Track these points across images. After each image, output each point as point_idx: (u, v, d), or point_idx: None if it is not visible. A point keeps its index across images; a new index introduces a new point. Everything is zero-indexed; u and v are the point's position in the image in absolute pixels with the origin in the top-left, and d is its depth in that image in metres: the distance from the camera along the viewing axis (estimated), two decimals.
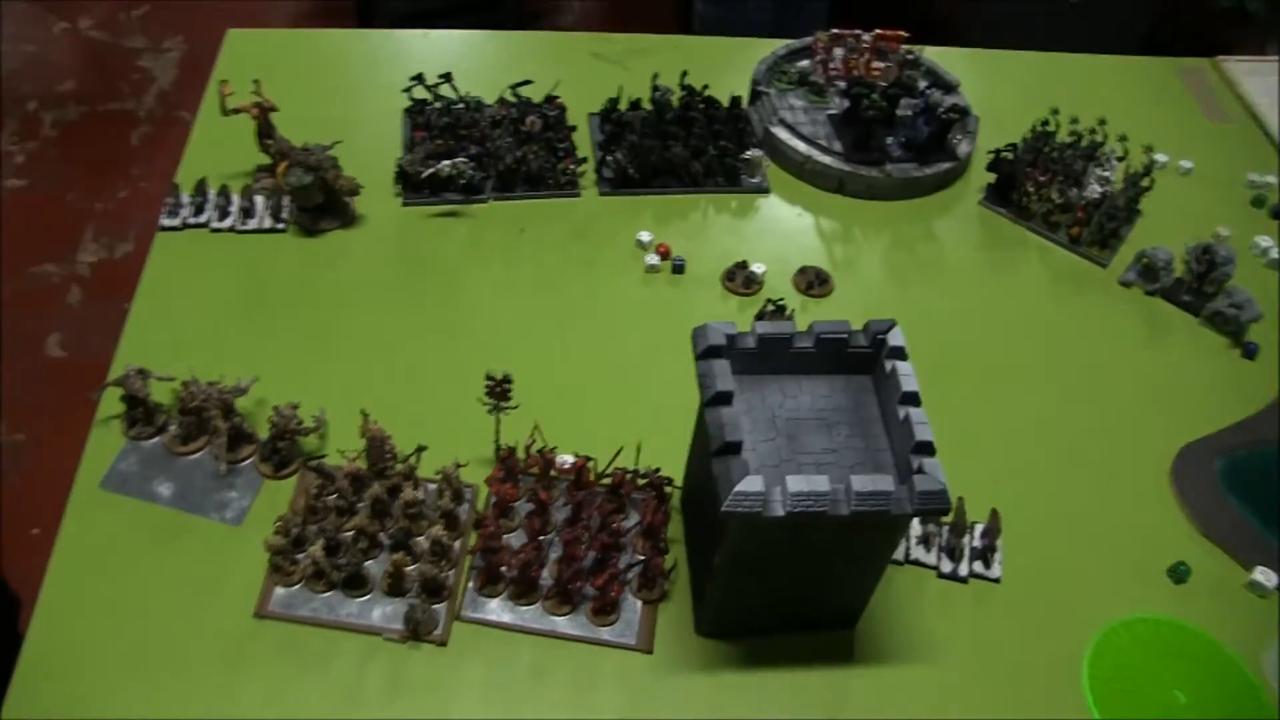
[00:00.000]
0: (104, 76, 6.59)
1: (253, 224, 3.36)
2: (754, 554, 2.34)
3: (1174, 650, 2.67)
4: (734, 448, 2.20)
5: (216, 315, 3.15)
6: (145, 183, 6.01)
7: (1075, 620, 2.69)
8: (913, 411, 2.29)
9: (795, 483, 2.14)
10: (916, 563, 2.75)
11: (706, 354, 2.33)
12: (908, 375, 2.35)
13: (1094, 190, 3.65)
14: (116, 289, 5.37)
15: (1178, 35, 5.73)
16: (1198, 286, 3.50)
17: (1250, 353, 3.38)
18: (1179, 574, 2.79)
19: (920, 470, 2.21)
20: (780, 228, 3.56)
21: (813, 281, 3.37)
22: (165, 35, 6.86)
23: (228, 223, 3.37)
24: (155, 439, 2.85)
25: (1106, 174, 3.66)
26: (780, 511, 2.14)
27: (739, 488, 2.12)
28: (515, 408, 2.69)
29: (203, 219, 3.37)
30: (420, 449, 2.70)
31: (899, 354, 2.39)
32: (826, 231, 3.56)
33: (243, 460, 2.80)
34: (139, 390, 2.78)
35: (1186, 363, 3.35)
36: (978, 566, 2.76)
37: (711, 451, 2.21)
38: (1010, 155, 3.69)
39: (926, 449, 2.25)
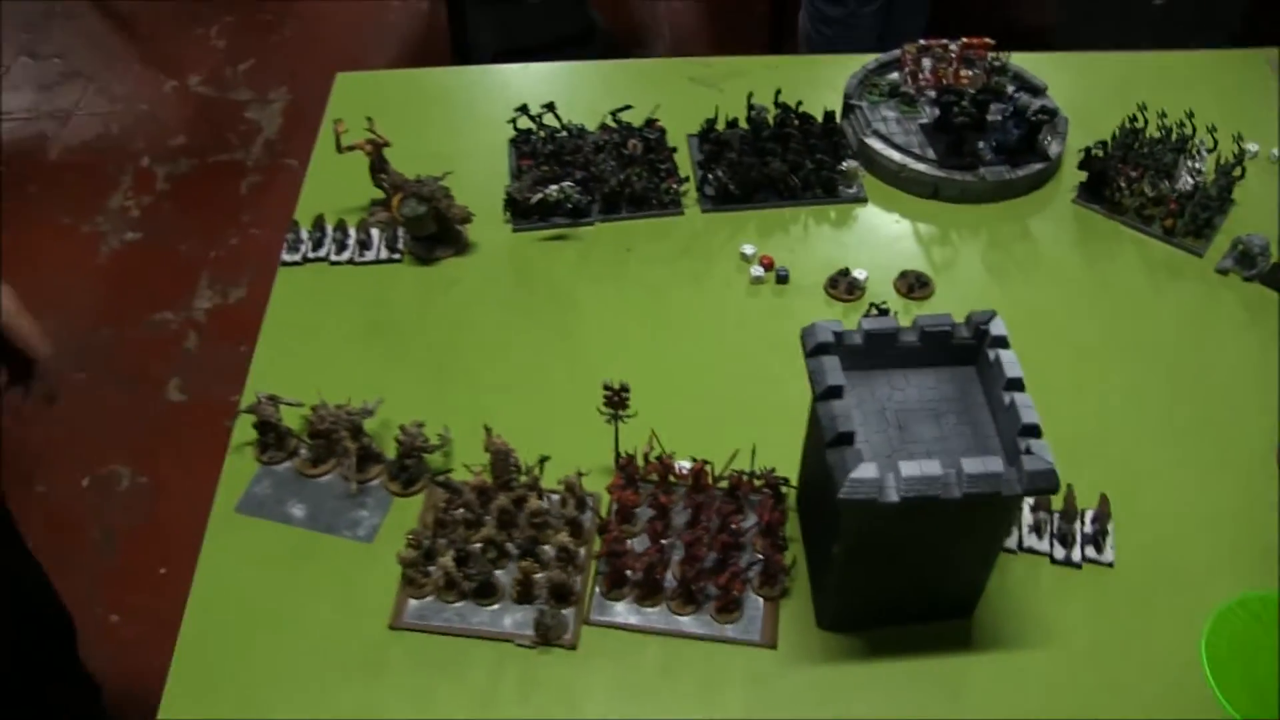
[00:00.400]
0: (213, 129, 6.85)
1: (370, 255, 3.51)
2: (870, 543, 2.41)
3: None
4: (847, 438, 2.27)
5: (340, 343, 3.28)
6: (256, 229, 6.25)
7: (1190, 600, 2.71)
8: (1017, 396, 2.35)
9: (908, 468, 2.21)
10: (1030, 550, 2.78)
11: (816, 351, 2.42)
12: (1011, 362, 2.41)
13: (1185, 182, 3.68)
14: (232, 332, 5.58)
15: (1274, 27, 5.68)
16: None
17: None
18: None
19: (1028, 451, 2.27)
20: (879, 235, 3.63)
21: (914, 285, 3.43)
22: (270, 86, 7.12)
23: (346, 255, 3.52)
24: (287, 463, 2.98)
25: (1197, 165, 3.68)
26: (894, 497, 2.21)
27: (854, 475, 2.20)
28: (633, 416, 2.78)
29: (322, 253, 3.52)
30: (543, 460, 2.81)
31: (1001, 343, 2.46)
32: (924, 236, 3.62)
33: (371, 480, 2.93)
34: (270, 415, 2.92)
35: None
36: (1090, 551, 2.78)
37: (825, 443, 2.29)
38: (1101, 153, 3.72)
39: (1033, 431, 2.31)
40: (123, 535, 4.77)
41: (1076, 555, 2.79)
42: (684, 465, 2.89)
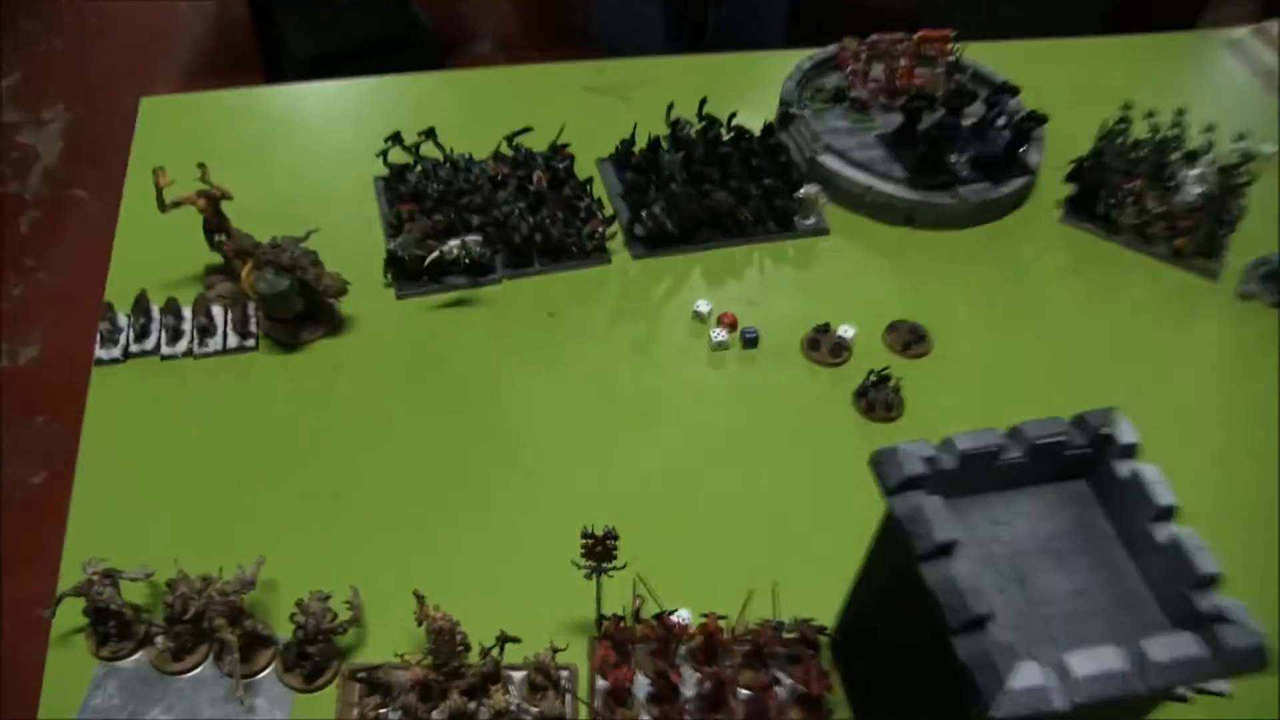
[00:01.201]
0: None
1: (214, 344, 2.68)
2: None
3: None
4: (982, 622, 1.60)
5: (188, 473, 2.47)
6: (43, 273, 5.23)
7: None
8: (1181, 533, 1.74)
9: (1080, 664, 1.59)
10: None
11: (904, 487, 1.76)
12: (1157, 482, 1.80)
13: (1189, 193, 3.13)
14: (27, 403, 4.59)
15: (1142, 8, 5.22)
16: None
17: None
18: None
19: (1221, 617, 1.65)
20: (851, 275, 3.00)
21: (909, 340, 2.80)
22: (43, 105, 6.04)
23: (181, 346, 2.68)
24: (137, 655, 2.18)
25: (1202, 172, 3.13)
26: (1063, 705, 1.59)
27: (1013, 684, 1.54)
28: (621, 568, 2.07)
29: (149, 344, 2.68)
30: (507, 640, 2.06)
31: (1130, 452, 1.84)
32: (906, 273, 3.00)
33: (260, 671, 2.14)
34: (108, 601, 2.10)
35: None
36: None
37: (952, 629, 1.61)
38: (1092, 163, 3.14)
39: (1214, 582, 1.70)
40: None
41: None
42: (683, 616, 2.17)
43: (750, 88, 3.48)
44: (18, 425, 4.50)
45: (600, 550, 2.05)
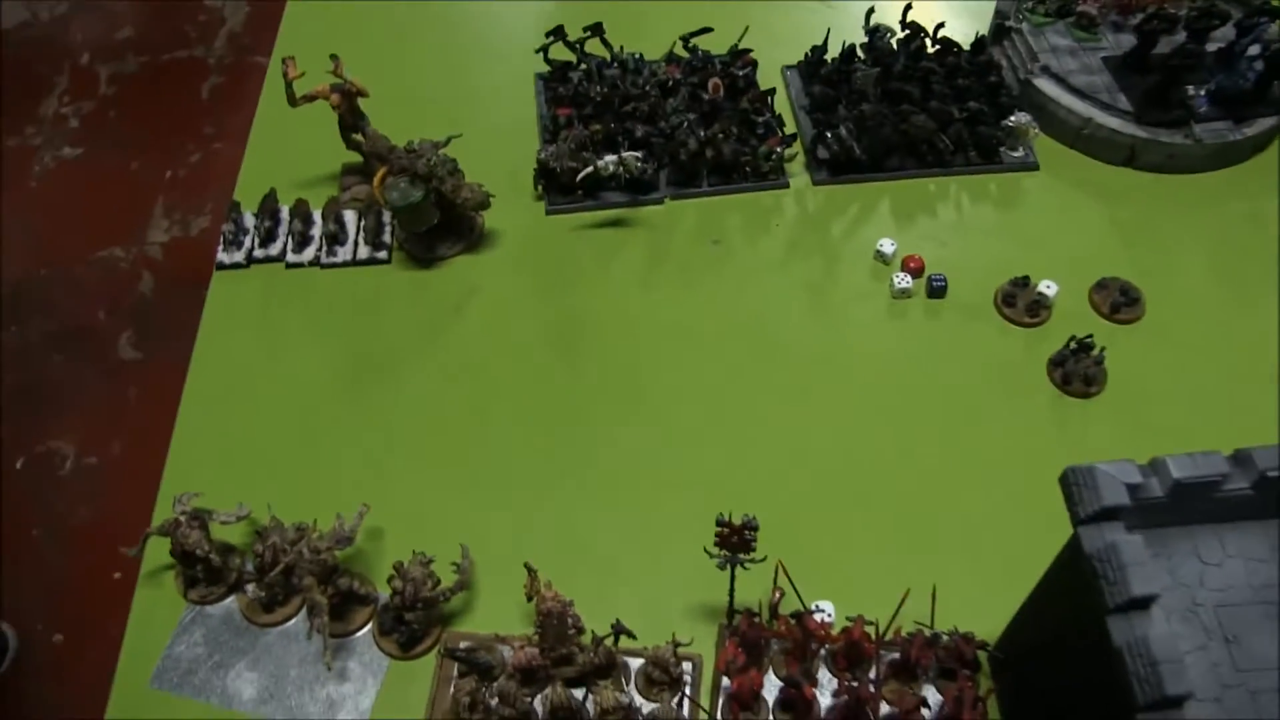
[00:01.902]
0: (166, 20, 5.67)
1: (343, 254, 2.48)
2: None
3: None
4: (1177, 701, 1.29)
5: (300, 398, 2.30)
6: (220, 143, 5.10)
7: None
8: None
9: None
10: None
11: (1099, 518, 1.44)
12: None
13: None
14: (196, 272, 4.50)
15: None
16: None
17: None
18: None
19: None
20: (1059, 221, 2.63)
21: (1118, 301, 2.43)
22: None
23: (308, 254, 2.49)
24: (227, 600, 2.03)
25: None
26: None
27: None
28: (761, 560, 1.80)
29: (274, 249, 2.50)
30: (622, 632, 1.83)
31: None
32: (1121, 223, 2.62)
33: (356, 631, 1.95)
34: (195, 545, 1.94)
35: None
36: None
37: (1139, 704, 1.31)
38: None
39: None
40: (67, 530, 3.71)
41: None
42: (825, 610, 1.90)
43: None
44: (186, 296, 4.47)
45: (736, 541, 1.80)
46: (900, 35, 2.81)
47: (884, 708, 1.89)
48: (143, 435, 2.69)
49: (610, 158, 2.49)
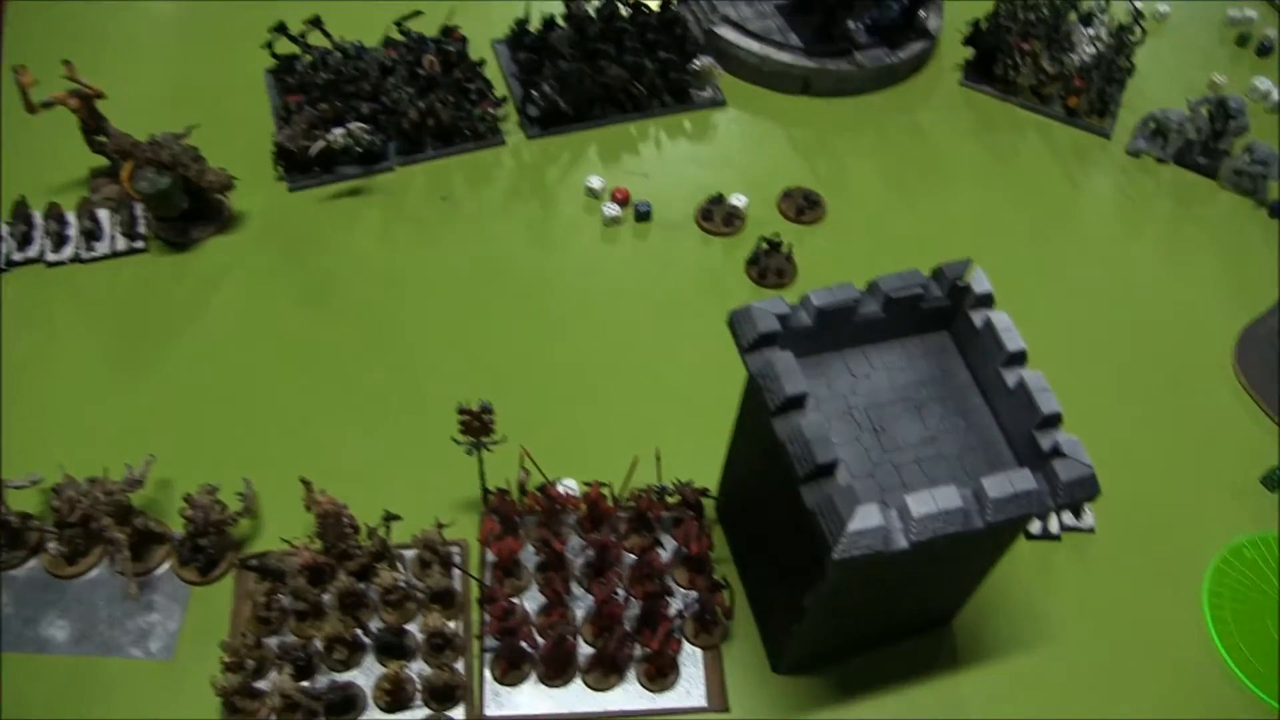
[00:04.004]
0: None
1: (101, 248, 2.66)
2: (856, 589, 1.85)
3: None
4: (828, 470, 1.63)
5: (77, 377, 2.46)
6: None
7: (1181, 554, 2.32)
8: (1027, 375, 1.79)
9: (919, 503, 1.64)
10: None
11: (758, 344, 1.79)
12: (1008, 329, 1.84)
13: (1085, 53, 3.14)
14: None
15: None
16: (1213, 145, 3.01)
17: (1279, 211, 2.92)
18: (1275, 480, 2.42)
19: (1057, 452, 1.70)
20: (747, 146, 3.00)
21: (802, 206, 2.81)
22: None
23: (67, 252, 2.66)
24: (30, 563, 2.18)
25: (1097, 33, 3.14)
26: (904, 543, 1.64)
27: (853, 527, 1.58)
28: (501, 441, 2.08)
29: (32, 252, 2.65)
30: (391, 518, 2.10)
31: (986, 302, 1.87)
32: (801, 142, 3.00)
33: (156, 568, 2.16)
34: None
35: (1219, 233, 2.93)
36: (1068, 518, 2.34)
37: (799, 478, 1.64)
38: (989, 25, 3.13)
39: (1054, 421, 1.74)
40: None
41: (1054, 525, 2.34)
42: (570, 486, 2.21)
43: None
44: None
45: (478, 425, 2.08)
46: (596, 3, 3.13)
47: (628, 556, 2.20)
48: None
49: (338, 130, 2.75)
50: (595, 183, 2.80)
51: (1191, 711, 2.08)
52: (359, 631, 2.05)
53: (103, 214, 2.71)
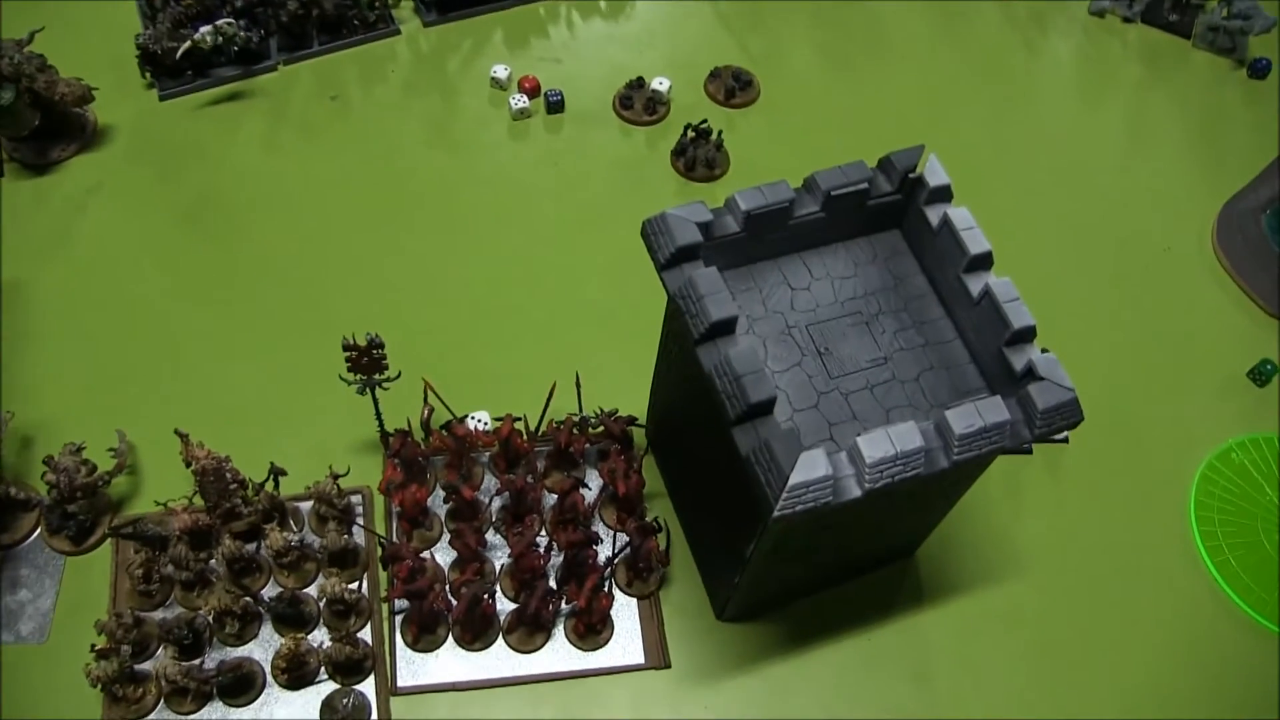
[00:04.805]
0: None
1: None
2: (803, 537, 1.66)
3: None
4: (764, 408, 1.40)
5: None
6: None
7: (1164, 463, 2.13)
8: (993, 283, 1.57)
9: (873, 446, 1.41)
10: None
11: (677, 259, 1.54)
12: (969, 228, 1.61)
13: None
14: None
15: None
16: (1185, 0, 2.75)
17: (1260, 70, 2.70)
18: (1263, 374, 2.22)
19: (1033, 374, 1.46)
20: (669, 23, 2.72)
21: (732, 87, 2.55)
22: None
23: None
24: None
25: None
26: (857, 492, 1.41)
27: (796, 479, 1.36)
28: (395, 378, 1.85)
29: None
30: (277, 472, 1.85)
31: (943, 195, 1.62)
32: (728, 15, 2.73)
33: (23, 540, 1.92)
34: None
35: (1193, 99, 2.68)
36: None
37: (730, 419, 1.41)
38: None
39: (1028, 335, 1.52)
40: None
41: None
42: (482, 420, 1.97)
43: None
44: None
45: (367, 362, 1.83)
46: None
47: (551, 499, 1.97)
48: None
49: (205, 28, 2.43)
50: (500, 72, 2.52)
51: (1178, 639, 1.92)
52: (250, 600, 1.81)
53: None
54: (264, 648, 1.84)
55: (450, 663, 1.84)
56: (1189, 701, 1.87)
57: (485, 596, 1.80)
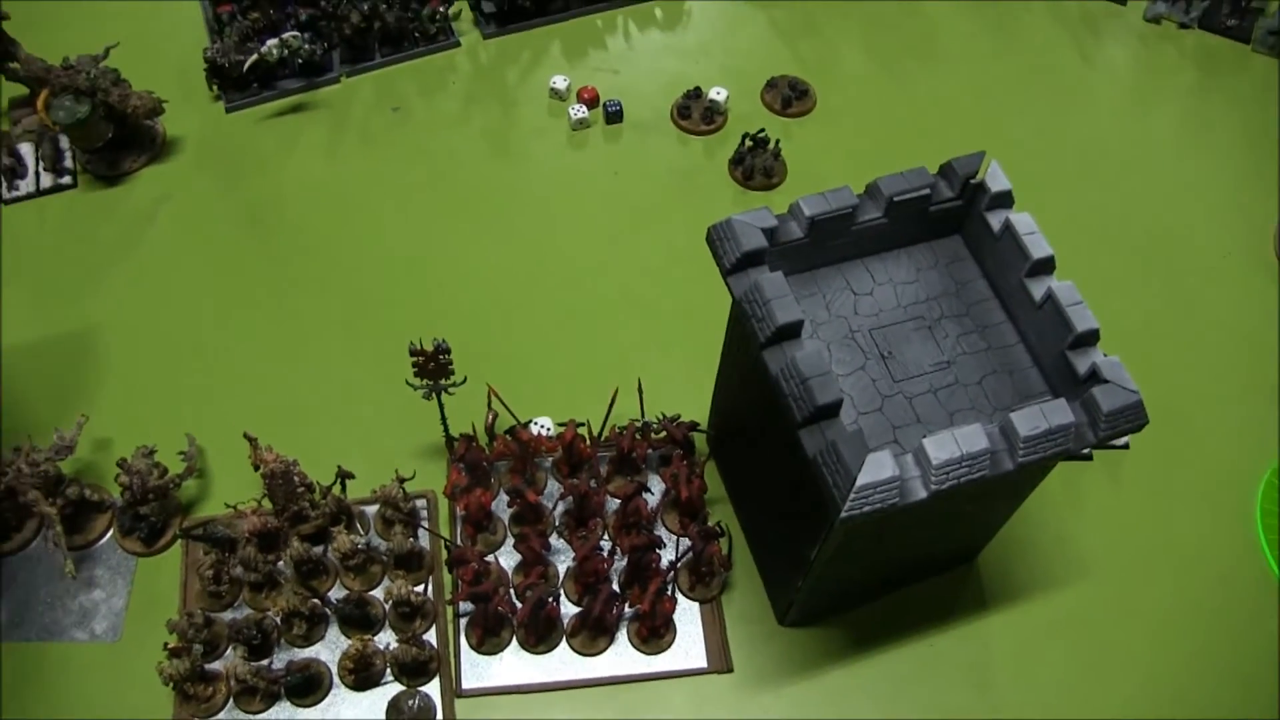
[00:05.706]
0: None
1: (25, 187, 2.43)
2: (868, 540, 1.65)
3: None
4: (831, 411, 1.41)
5: (6, 333, 2.22)
6: None
7: (1228, 470, 2.11)
8: (1056, 287, 1.57)
9: (939, 447, 1.42)
10: None
11: (742, 264, 1.56)
12: (1032, 233, 1.61)
13: None
14: None
15: None
16: (1244, 4, 2.74)
17: None
18: None
19: (1097, 376, 1.47)
20: (725, 32, 2.73)
21: (789, 96, 2.56)
22: None
23: None
24: None
25: None
26: (923, 493, 1.43)
27: (863, 480, 1.37)
28: (461, 383, 1.87)
29: None
30: (344, 476, 1.88)
31: (1004, 200, 1.63)
32: (783, 24, 2.74)
33: (97, 540, 1.96)
34: None
35: (1252, 106, 2.65)
36: None
37: (797, 421, 1.42)
38: None
39: (1091, 339, 1.52)
40: None
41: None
42: (545, 426, 1.99)
43: None
44: None
45: (434, 367, 1.86)
46: None
47: (614, 504, 1.99)
48: None
49: (272, 41, 2.48)
50: (560, 83, 2.54)
51: (1246, 650, 1.89)
52: (318, 602, 1.84)
53: (25, 149, 2.47)
54: (330, 649, 1.86)
55: (514, 665, 1.86)
56: (1256, 712, 1.85)
57: (549, 600, 1.82)
